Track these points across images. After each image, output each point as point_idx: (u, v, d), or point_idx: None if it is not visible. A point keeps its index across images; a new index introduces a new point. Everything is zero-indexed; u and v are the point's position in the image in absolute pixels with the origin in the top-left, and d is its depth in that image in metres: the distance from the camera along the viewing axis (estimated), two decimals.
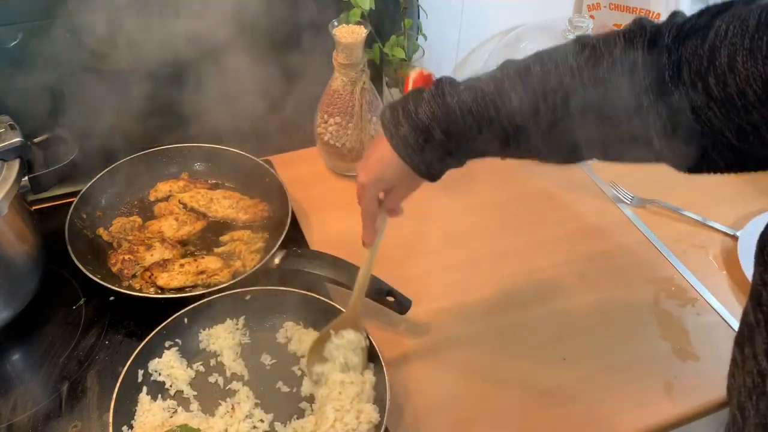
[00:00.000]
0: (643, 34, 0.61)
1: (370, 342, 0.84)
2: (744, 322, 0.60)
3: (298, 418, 0.81)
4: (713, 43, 0.55)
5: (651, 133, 0.60)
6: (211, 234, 1.07)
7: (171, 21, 1.08)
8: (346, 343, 0.83)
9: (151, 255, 1.00)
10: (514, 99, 0.65)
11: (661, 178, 1.08)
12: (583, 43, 0.64)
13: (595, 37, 0.64)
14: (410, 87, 0.74)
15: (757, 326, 0.56)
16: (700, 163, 0.62)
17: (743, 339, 0.59)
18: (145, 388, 0.83)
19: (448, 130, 0.68)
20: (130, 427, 0.79)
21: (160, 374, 0.85)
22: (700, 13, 0.59)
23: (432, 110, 0.68)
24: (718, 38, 0.54)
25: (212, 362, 0.88)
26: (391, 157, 0.71)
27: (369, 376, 0.83)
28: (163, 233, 1.04)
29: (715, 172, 0.62)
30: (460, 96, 0.68)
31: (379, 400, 0.80)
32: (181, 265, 0.98)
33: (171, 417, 0.81)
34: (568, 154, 0.67)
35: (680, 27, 0.59)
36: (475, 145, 0.69)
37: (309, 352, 0.85)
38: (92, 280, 0.92)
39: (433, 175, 0.73)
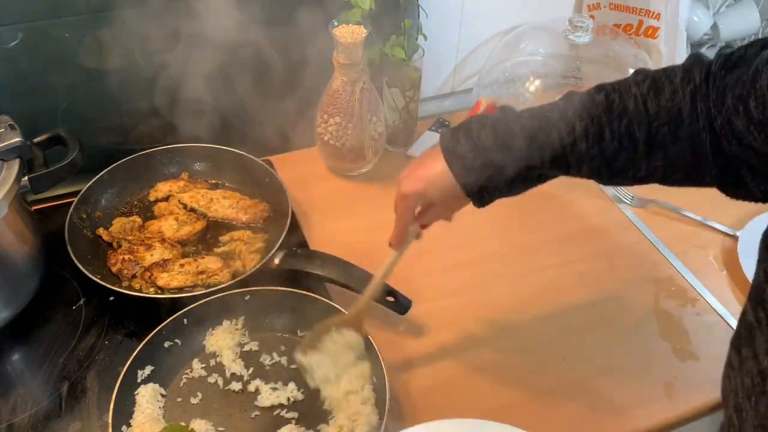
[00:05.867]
0: (701, 64, 0.64)
1: (371, 343, 0.83)
2: (742, 322, 0.60)
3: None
4: (757, 67, 0.56)
5: (701, 159, 0.62)
6: (211, 234, 1.07)
7: (171, 22, 1.08)
8: (344, 341, 0.81)
9: (151, 255, 1.00)
10: (578, 127, 0.66)
11: None
12: (644, 73, 0.66)
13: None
14: (480, 111, 0.73)
15: (758, 325, 0.56)
16: (737, 192, 0.64)
17: (740, 340, 0.59)
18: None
19: (508, 156, 0.67)
20: (130, 426, 0.79)
21: None
22: (751, 44, 0.61)
23: (495, 134, 0.68)
24: (761, 63, 0.56)
25: (212, 362, 0.88)
26: (443, 175, 0.70)
27: (366, 372, 0.81)
28: (163, 233, 1.04)
29: (752, 200, 0.64)
30: (524, 123, 0.68)
31: (378, 401, 0.80)
32: (181, 265, 0.98)
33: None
34: (631, 178, 0.68)
35: (728, 56, 0.61)
36: (533, 171, 0.69)
37: (305, 340, 0.82)
38: (92, 280, 0.92)
39: (483, 198, 0.71)
